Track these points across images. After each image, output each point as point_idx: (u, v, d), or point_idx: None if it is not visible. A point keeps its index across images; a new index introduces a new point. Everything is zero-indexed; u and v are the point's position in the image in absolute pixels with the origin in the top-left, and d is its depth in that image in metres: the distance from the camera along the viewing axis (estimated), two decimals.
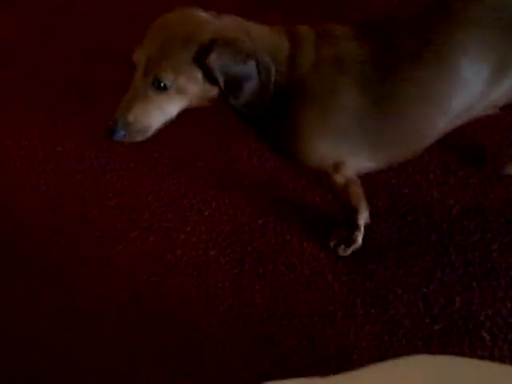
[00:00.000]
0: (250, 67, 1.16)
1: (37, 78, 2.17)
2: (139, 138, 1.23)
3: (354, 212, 1.52)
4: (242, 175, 1.77)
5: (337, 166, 1.36)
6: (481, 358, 1.39)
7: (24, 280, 1.69)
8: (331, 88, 1.24)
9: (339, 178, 1.40)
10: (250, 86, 1.18)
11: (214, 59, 1.13)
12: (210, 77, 1.16)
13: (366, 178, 1.69)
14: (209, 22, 1.18)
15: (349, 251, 1.58)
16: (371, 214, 1.62)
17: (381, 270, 1.55)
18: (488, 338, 1.43)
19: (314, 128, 1.28)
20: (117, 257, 1.69)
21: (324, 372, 1.42)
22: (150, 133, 1.23)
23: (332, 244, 1.60)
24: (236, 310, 1.55)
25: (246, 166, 1.78)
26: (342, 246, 1.58)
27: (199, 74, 1.16)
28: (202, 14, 1.20)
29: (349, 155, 1.35)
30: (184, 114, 1.24)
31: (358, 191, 1.48)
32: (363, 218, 1.54)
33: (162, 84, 1.14)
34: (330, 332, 1.48)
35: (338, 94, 1.24)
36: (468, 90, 1.28)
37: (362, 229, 1.56)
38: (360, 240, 1.58)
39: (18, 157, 1.96)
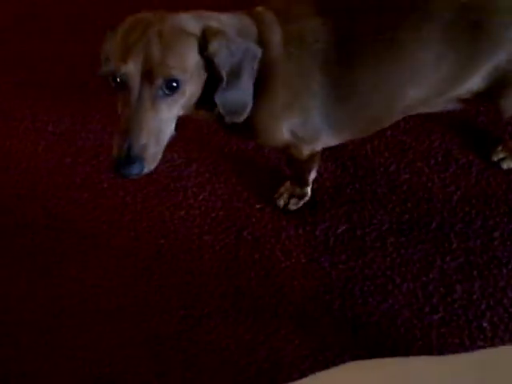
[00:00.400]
0: (243, 55, 1.09)
1: (33, 66, 2.11)
2: (154, 165, 1.07)
3: (306, 173, 1.54)
4: (238, 159, 1.72)
5: (303, 143, 1.34)
6: (481, 348, 1.36)
7: (17, 268, 1.66)
8: (298, 68, 1.20)
9: (305, 152, 1.38)
10: (241, 82, 1.11)
11: (214, 48, 1.06)
12: (210, 70, 1.08)
13: (364, 164, 1.66)
14: (181, 15, 1.09)
15: (300, 204, 1.62)
16: (370, 200, 1.60)
17: (380, 257, 1.52)
18: (489, 328, 1.40)
19: (283, 108, 1.24)
20: (109, 241, 1.65)
21: (320, 362, 1.40)
22: (161, 154, 1.08)
23: (282, 203, 1.62)
24: (230, 296, 1.52)
25: (242, 150, 1.73)
26: (293, 200, 1.61)
27: (201, 68, 1.08)
28: (162, 12, 1.10)
29: (316, 133, 1.32)
30: None
31: (317, 159, 1.48)
32: (313, 175, 1.57)
33: (175, 83, 1.03)
34: (327, 321, 1.45)
35: (305, 74, 1.21)
36: (425, 84, 1.27)
37: (311, 182, 1.60)
38: (309, 192, 1.61)
39: (8, 136, 1.91)
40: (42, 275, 1.63)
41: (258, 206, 1.63)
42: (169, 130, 1.08)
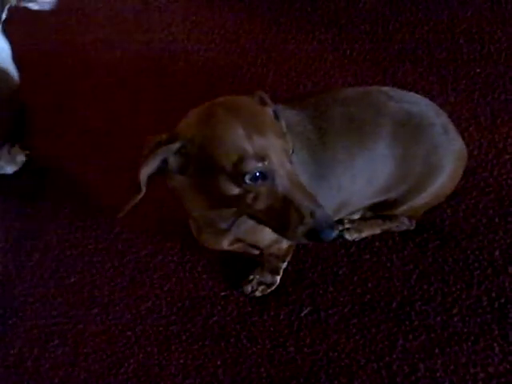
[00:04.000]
0: None
1: None
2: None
3: (280, 263, 1.58)
4: (202, 248, 1.75)
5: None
6: None
7: None
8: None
9: (284, 247, 1.44)
10: None
11: None
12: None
13: (325, 246, 1.70)
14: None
15: (267, 292, 1.63)
16: (332, 282, 1.63)
17: (343, 339, 1.54)
18: None
19: None
20: (76, 335, 1.64)
21: None
22: None
23: (250, 289, 1.64)
24: None
25: None
26: (262, 288, 1.63)
27: None
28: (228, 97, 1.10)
29: None
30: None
31: (291, 250, 1.53)
32: (285, 265, 1.61)
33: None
34: None
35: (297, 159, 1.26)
36: (381, 176, 1.38)
37: (281, 272, 1.63)
38: (278, 281, 1.63)
39: None
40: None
41: (222, 294, 1.66)
42: None
